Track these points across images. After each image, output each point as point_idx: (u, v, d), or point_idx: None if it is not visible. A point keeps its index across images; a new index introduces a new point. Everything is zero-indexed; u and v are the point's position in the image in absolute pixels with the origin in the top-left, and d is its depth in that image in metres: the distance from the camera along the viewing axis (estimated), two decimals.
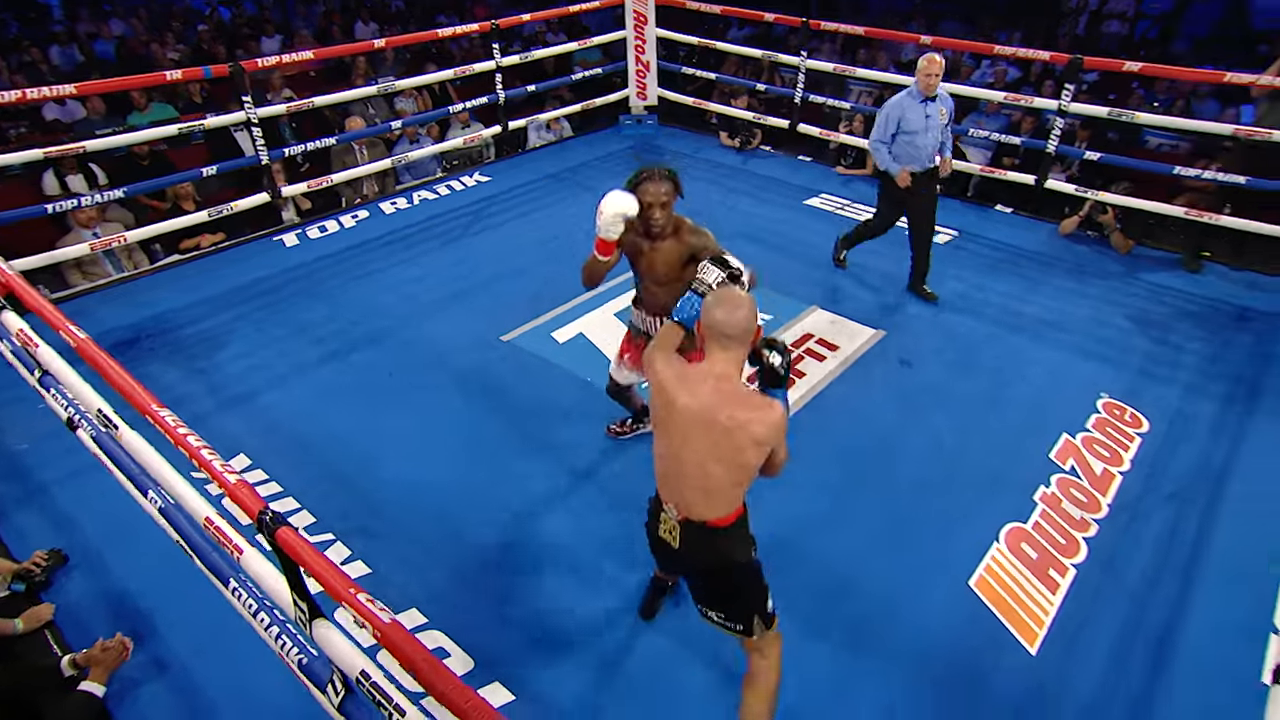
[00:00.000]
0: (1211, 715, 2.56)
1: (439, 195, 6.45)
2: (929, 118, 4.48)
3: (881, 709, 2.54)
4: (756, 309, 1.95)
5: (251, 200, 5.48)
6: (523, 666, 2.66)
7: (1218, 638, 2.82)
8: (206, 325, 4.63)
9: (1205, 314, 4.86)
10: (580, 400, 4.01)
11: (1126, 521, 3.31)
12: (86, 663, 2.47)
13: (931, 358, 4.42)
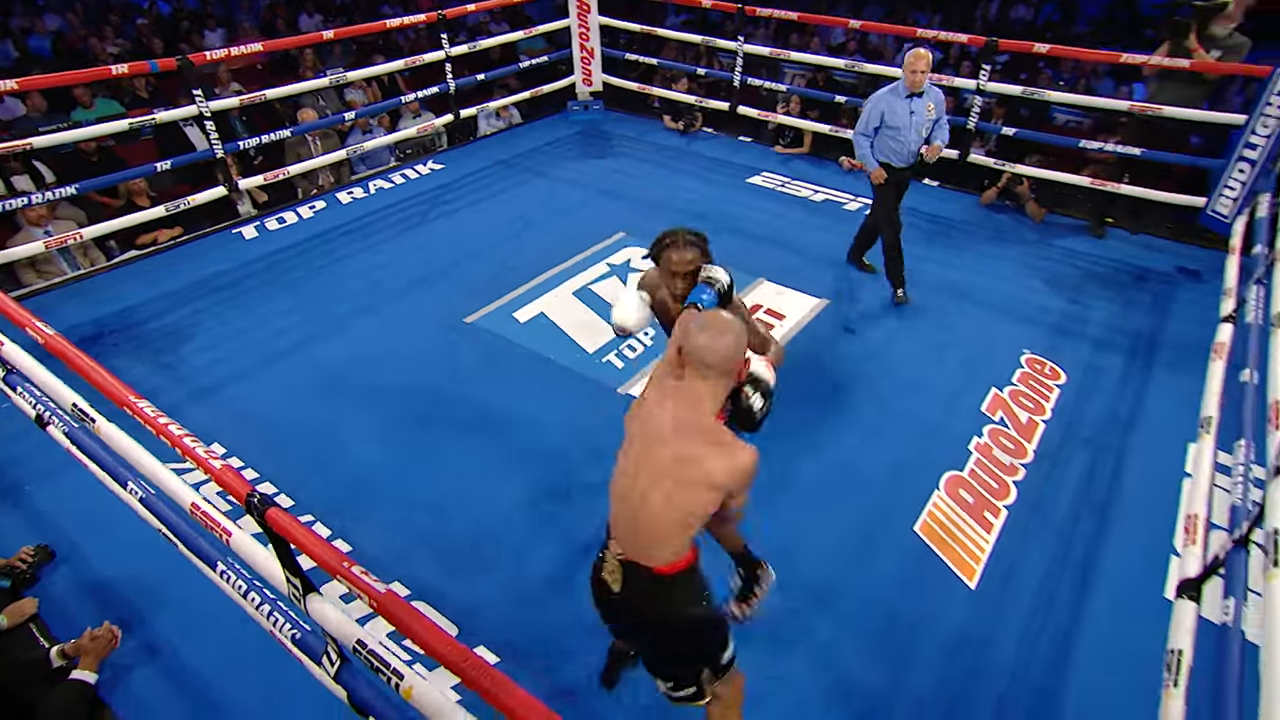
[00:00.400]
0: (1128, 629, 2.70)
1: (394, 184, 6.27)
2: (914, 114, 4.20)
3: (837, 645, 2.62)
4: (745, 339, 1.74)
5: (208, 194, 5.23)
6: (502, 631, 2.66)
7: (1129, 563, 2.98)
8: (170, 319, 4.44)
9: (1110, 275, 5.04)
10: (542, 378, 3.98)
11: (1050, 466, 3.44)
12: (76, 653, 2.38)
13: (872, 323, 4.49)
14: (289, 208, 5.80)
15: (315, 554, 1.73)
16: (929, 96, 4.23)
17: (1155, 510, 3.18)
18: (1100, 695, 2.51)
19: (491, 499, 3.23)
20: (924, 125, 4.24)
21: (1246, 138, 4.78)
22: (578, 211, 5.85)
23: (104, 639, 2.42)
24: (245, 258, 5.12)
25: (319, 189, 6.20)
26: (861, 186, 6.31)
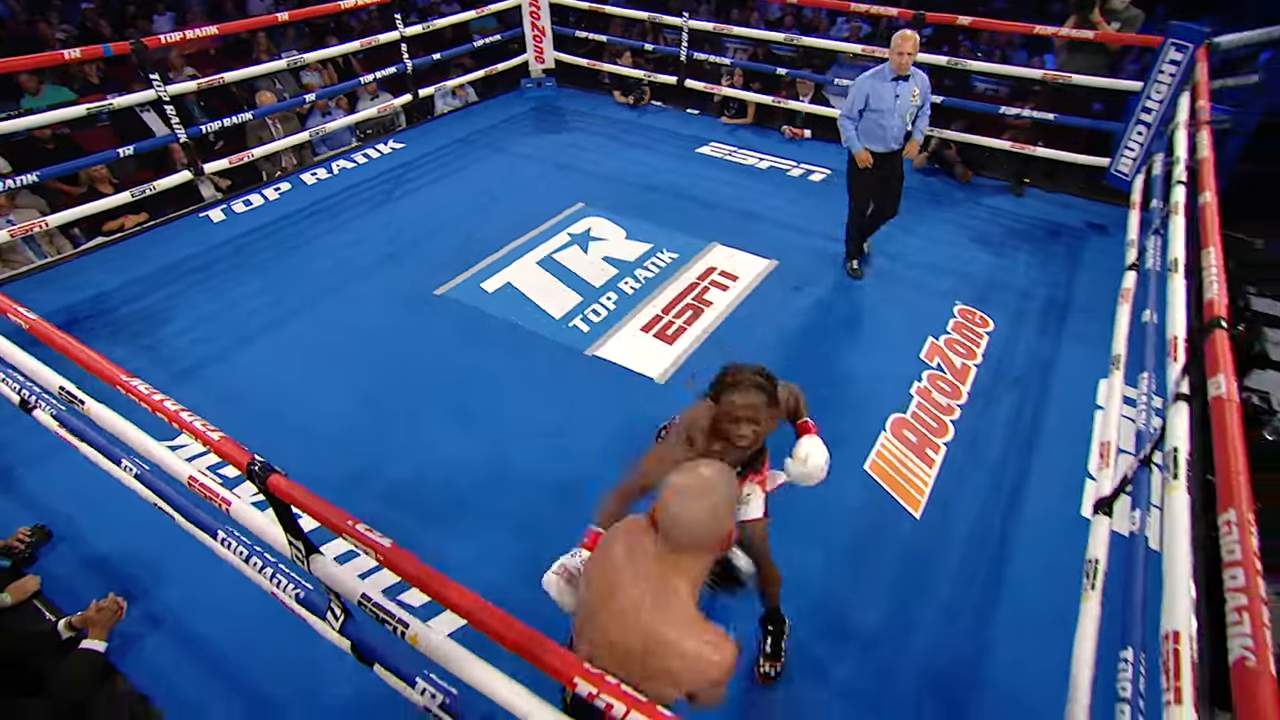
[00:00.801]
0: (1052, 544, 2.86)
1: (357, 164, 6.08)
2: (898, 97, 3.92)
3: (800, 572, 2.69)
4: (730, 503, 1.38)
5: (173, 179, 4.99)
6: (485, 576, 2.68)
7: (1052, 487, 3.15)
8: (144, 304, 4.27)
9: (1029, 230, 5.20)
10: (512, 344, 3.97)
11: (982, 405, 3.59)
12: (83, 624, 2.35)
13: (818, 282, 4.56)
14: (254, 190, 5.59)
15: (319, 514, 1.71)
16: (914, 81, 3.95)
17: (1072, 440, 3.36)
18: (1030, 601, 2.67)
19: (468, 458, 3.23)
20: (908, 110, 3.98)
21: (1142, 103, 4.94)
22: (537, 185, 5.77)
23: (110, 610, 2.39)
24: (214, 241, 4.93)
25: (282, 171, 5.97)
26: (803, 154, 6.37)
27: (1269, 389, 4.16)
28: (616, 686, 1.29)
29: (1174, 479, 1.88)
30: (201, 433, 1.85)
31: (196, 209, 5.29)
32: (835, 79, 6.64)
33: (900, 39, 3.81)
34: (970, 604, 2.68)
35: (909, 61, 3.83)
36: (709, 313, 4.22)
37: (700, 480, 1.34)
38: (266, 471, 1.76)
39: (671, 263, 4.73)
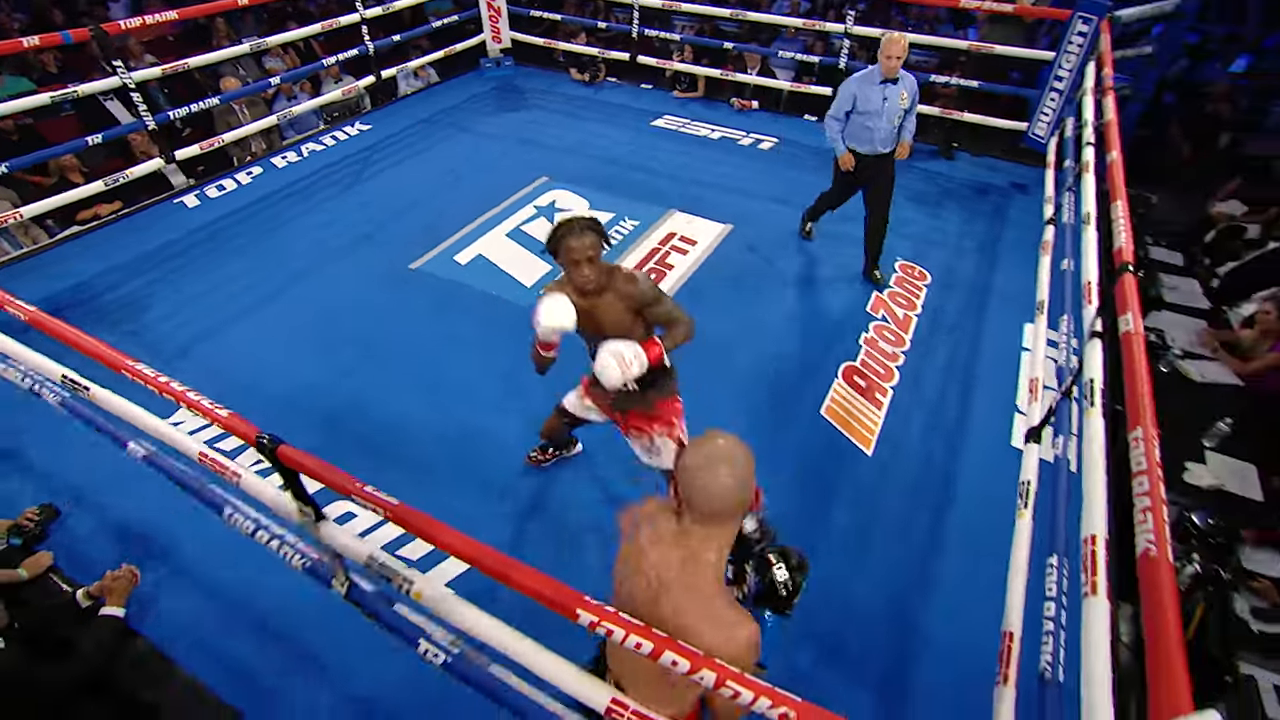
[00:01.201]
0: (988, 472, 3.03)
1: (326, 146, 5.88)
2: (886, 100, 3.64)
3: (770, 501, 2.77)
4: (751, 468, 1.29)
5: (146, 166, 4.77)
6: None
7: (986, 422, 3.31)
8: (126, 290, 4.12)
9: (959, 190, 5.33)
10: (486, 312, 3.95)
11: (923, 351, 3.72)
12: (100, 593, 2.33)
13: (771, 243, 4.62)
14: (226, 175, 5.38)
15: (329, 480, 1.69)
16: (903, 84, 3.67)
17: (1003, 378, 3.52)
18: (972, 522, 2.83)
19: (449, 422, 3.24)
20: (896, 114, 3.69)
21: (1055, 71, 5.07)
22: (501, 161, 5.68)
23: (125, 578, 2.37)
24: (191, 226, 4.76)
25: (252, 155, 5.74)
26: (752, 124, 6.37)
27: (1163, 328, 4.43)
28: (615, 614, 1.26)
29: (1091, 406, 2.02)
30: (210, 410, 1.84)
31: (170, 196, 5.08)
32: (779, 52, 6.63)
33: (888, 42, 3.54)
34: (919, 527, 2.83)
35: (898, 65, 3.55)
36: (671, 275, 4.26)
37: (717, 449, 1.26)
38: (275, 443, 1.76)
39: (634, 230, 4.75)
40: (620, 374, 2.05)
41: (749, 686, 1.03)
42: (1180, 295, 4.88)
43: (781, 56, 6.63)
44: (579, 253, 2.03)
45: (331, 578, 2.12)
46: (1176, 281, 5.02)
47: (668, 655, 1.11)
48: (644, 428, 2.43)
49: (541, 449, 3.05)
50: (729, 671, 1.06)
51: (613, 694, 1.39)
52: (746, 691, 1.02)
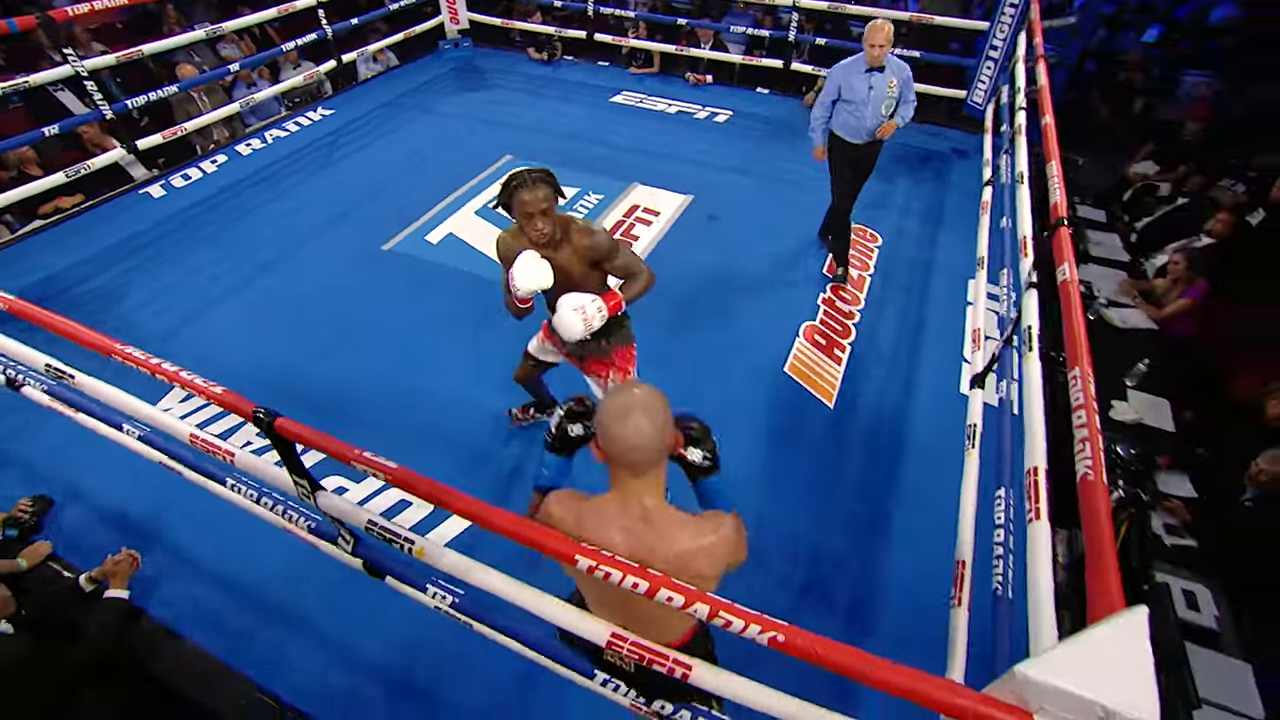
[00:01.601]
0: (939, 417, 3.13)
1: (290, 132, 5.64)
2: (872, 89, 3.42)
3: (735, 461, 2.86)
4: (668, 414, 1.24)
5: (108, 157, 4.50)
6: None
7: (936, 371, 3.41)
8: (98, 282, 3.94)
9: (905, 156, 5.38)
10: (460, 288, 3.90)
11: (877, 308, 3.81)
12: (102, 577, 2.29)
13: (731, 211, 4.63)
14: (190, 164, 5.12)
15: (328, 447, 1.64)
16: (891, 71, 3.43)
17: (950, 331, 3.62)
18: (925, 462, 2.95)
19: (429, 396, 3.21)
20: (884, 101, 3.46)
21: (990, 41, 5.13)
22: (466, 141, 5.54)
23: (126, 562, 2.33)
24: (158, 216, 4.54)
25: (215, 144, 5.47)
26: (707, 97, 6.32)
27: (1091, 279, 4.61)
28: (612, 558, 1.22)
29: (1029, 350, 2.11)
30: (204, 389, 1.80)
31: (134, 187, 4.83)
32: (730, 26, 6.57)
33: (870, 30, 3.32)
34: (879, 469, 2.93)
35: (880, 53, 3.34)
36: (638, 245, 4.26)
37: (633, 398, 1.21)
38: (272, 416, 1.72)
39: (598, 203, 4.71)
40: (582, 327, 2.03)
41: (739, 615, 1.08)
42: (1104, 249, 5.08)
43: (733, 31, 6.57)
44: (532, 205, 1.94)
45: (337, 536, 2.11)
46: (1100, 237, 5.22)
47: (663, 593, 1.14)
48: (601, 372, 2.46)
49: (523, 408, 3.03)
50: (719, 603, 1.11)
51: (611, 629, 1.43)
52: (738, 620, 1.07)
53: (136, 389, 2.01)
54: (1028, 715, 0.94)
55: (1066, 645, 0.93)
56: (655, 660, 1.37)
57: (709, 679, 1.34)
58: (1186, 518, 3.11)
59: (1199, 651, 2.51)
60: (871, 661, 1.03)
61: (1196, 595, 2.74)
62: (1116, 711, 0.86)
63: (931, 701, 1.00)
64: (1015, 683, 0.93)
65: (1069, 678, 0.89)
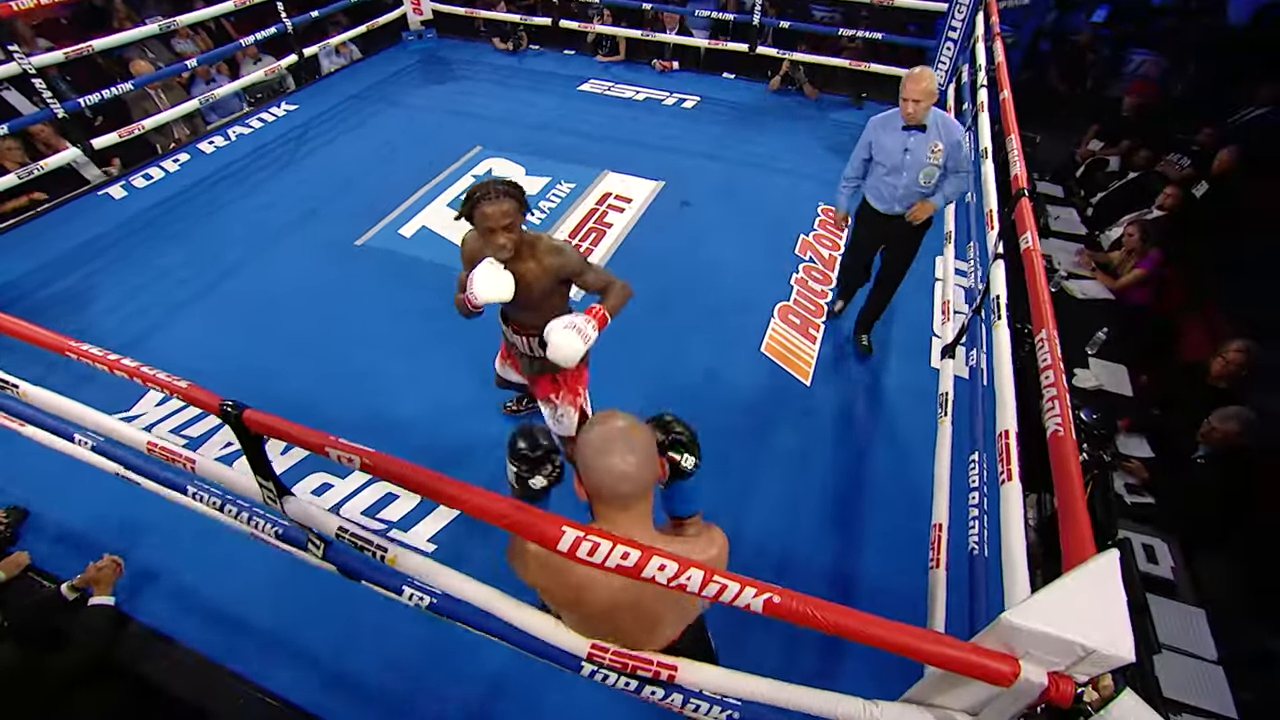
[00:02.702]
0: (911, 388, 3.19)
1: (253, 129, 5.46)
2: (908, 152, 2.74)
3: (715, 436, 2.86)
4: (651, 446, 1.18)
5: (62, 157, 4.30)
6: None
7: (907, 345, 3.47)
8: (62, 287, 3.79)
9: None
10: (437, 281, 3.79)
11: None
12: (85, 584, 2.22)
13: (702, 196, 4.63)
14: (151, 164, 4.94)
15: (300, 438, 1.53)
16: (935, 132, 2.71)
17: (919, 306, 3.68)
18: (899, 431, 3.01)
19: (412, 391, 3.16)
20: (923, 169, 2.75)
21: (949, 21, 5.20)
22: (435, 133, 5.44)
23: (108, 568, 2.26)
24: (121, 217, 4.38)
25: (176, 142, 5.28)
26: (674, 84, 6.29)
27: (1051, 253, 4.73)
28: (600, 530, 1.13)
29: (998, 319, 2.16)
30: (167, 383, 1.68)
31: (93, 188, 4.64)
32: (695, 11, 6.53)
33: (905, 80, 2.65)
34: (854, 439, 2.99)
35: (918, 110, 2.65)
36: (610, 233, 4.24)
37: (614, 431, 1.14)
38: (239, 408, 1.62)
39: (570, 192, 4.67)
40: (582, 344, 1.89)
41: (734, 580, 1.09)
42: (1063, 223, 5.21)
43: (698, 16, 6.54)
44: (494, 220, 1.82)
45: (306, 542, 2.04)
46: (1059, 211, 5.35)
47: (654, 562, 1.14)
48: (550, 395, 2.32)
49: (517, 400, 3.01)
50: (712, 569, 1.11)
51: (592, 640, 1.41)
52: (733, 584, 1.08)
53: (104, 397, 1.93)
54: (1014, 660, 0.97)
55: (1046, 592, 0.97)
56: (639, 666, 1.37)
57: (694, 677, 1.36)
58: (1145, 477, 3.23)
59: (1158, 601, 2.62)
60: (866, 620, 1.05)
61: (1155, 549, 2.86)
62: (1096, 649, 0.90)
63: (924, 654, 1.02)
64: (1001, 630, 0.97)
65: (1051, 622, 0.92)
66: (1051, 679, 0.95)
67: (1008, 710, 1.07)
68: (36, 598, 2.21)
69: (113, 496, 2.58)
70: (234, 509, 2.09)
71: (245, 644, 2.25)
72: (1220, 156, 4.76)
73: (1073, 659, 0.92)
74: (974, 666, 0.98)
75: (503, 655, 1.75)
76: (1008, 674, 0.96)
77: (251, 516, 2.06)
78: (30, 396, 1.97)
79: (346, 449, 1.54)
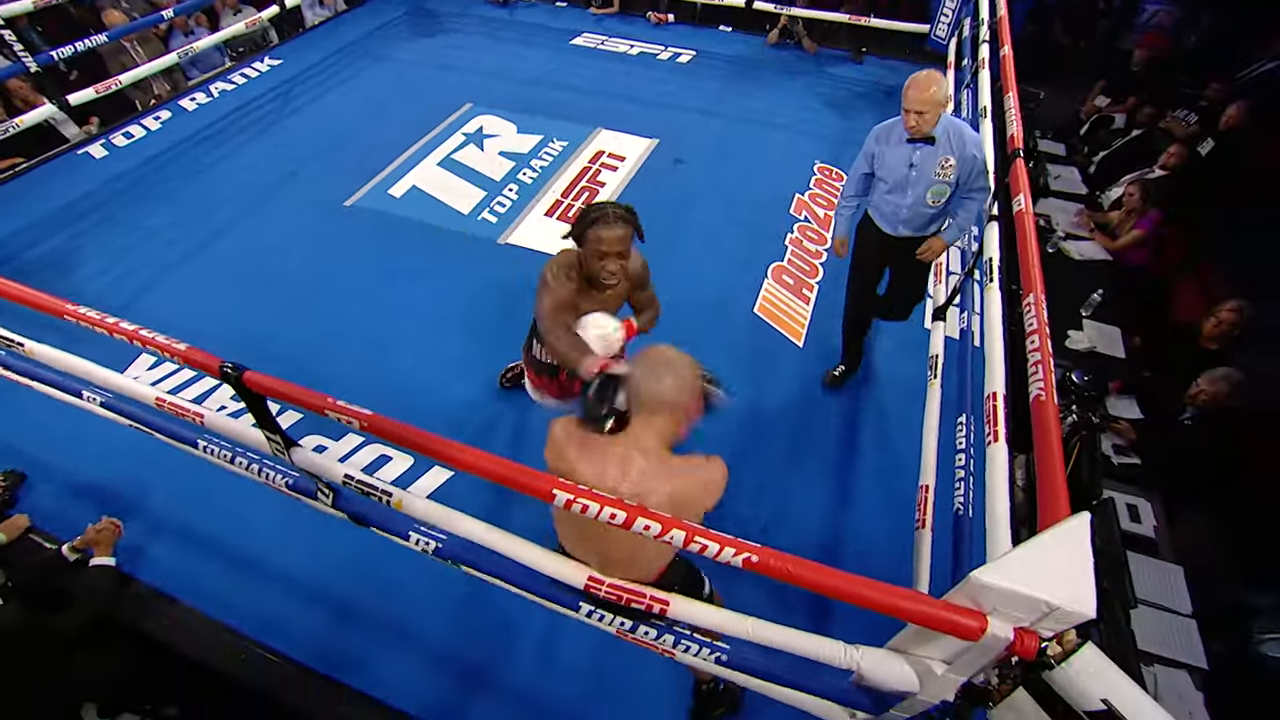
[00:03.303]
0: (904, 350, 3.19)
1: (236, 85, 5.31)
2: (913, 167, 2.37)
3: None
4: (694, 372, 1.42)
5: (37, 114, 4.19)
6: None
7: None
8: (47, 249, 3.74)
9: (869, 92, 5.34)
10: (427, 242, 3.82)
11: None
12: (85, 546, 2.25)
13: (697, 154, 4.56)
14: (131, 121, 4.81)
15: (298, 398, 1.58)
16: (945, 145, 2.32)
17: None
18: (889, 392, 3.03)
19: (407, 351, 3.17)
20: (935, 187, 2.38)
21: None
22: (424, 89, 5.31)
23: (108, 530, 2.29)
24: (104, 177, 4.29)
25: (157, 99, 5.15)
26: (669, 37, 6.13)
27: (1050, 213, 4.68)
28: (590, 491, 1.23)
29: (990, 281, 2.16)
30: (167, 345, 1.71)
31: (73, 147, 4.53)
32: None
33: (908, 87, 2.27)
34: (845, 399, 3.01)
35: (923, 122, 2.27)
36: (604, 192, 4.19)
37: (660, 356, 1.41)
38: (239, 370, 1.65)
39: (563, 150, 4.59)
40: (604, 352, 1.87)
41: (714, 539, 1.12)
42: (1063, 183, 5.15)
43: None
44: (610, 245, 1.78)
45: (315, 491, 2.09)
46: (1060, 170, 5.27)
47: (640, 522, 1.18)
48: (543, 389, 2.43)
49: (509, 374, 3.02)
50: (695, 529, 1.15)
51: (589, 571, 1.47)
52: (713, 544, 1.11)
53: (98, 359, 1.94)
54: (983, 616, 1.01)
55: (1016, 551, 1.00)
56: (633, 599, 1.42)
57: (687, 612, 1.41)
58: (1133, 438, 3.28)
59: (1138, 558, 2.69)
60: (842, 577, 1.08)
61: (1139, 508, 2.92)
62: (1060, 606, 0.93)
63: (899, 610, 1.06)
64: (971, 588, 1.00)
65: (1017, 580, 0.95)
66: (1017, 634, 0.99)
67: (978, 661, 1.11)
68: (39, 558, 2.25)
69: (112, 459, 2.63)
70: (244, 461, 2.14)
71: (245, 601, 2.31)
72: (1228, 112, 4.68)
73: (1037, 615, 0.96)
74: (944, 622, 1.02)
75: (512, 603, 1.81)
76: (975, 629, 1.00)
77: (262, 468, 2.11)
78: (37, 354, 1.99)
79: (345, 410, 1.57)
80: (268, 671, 2.16)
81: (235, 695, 2.16)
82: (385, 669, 2.16)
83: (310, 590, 2.34)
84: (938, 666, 1.20)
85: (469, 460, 1.45)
